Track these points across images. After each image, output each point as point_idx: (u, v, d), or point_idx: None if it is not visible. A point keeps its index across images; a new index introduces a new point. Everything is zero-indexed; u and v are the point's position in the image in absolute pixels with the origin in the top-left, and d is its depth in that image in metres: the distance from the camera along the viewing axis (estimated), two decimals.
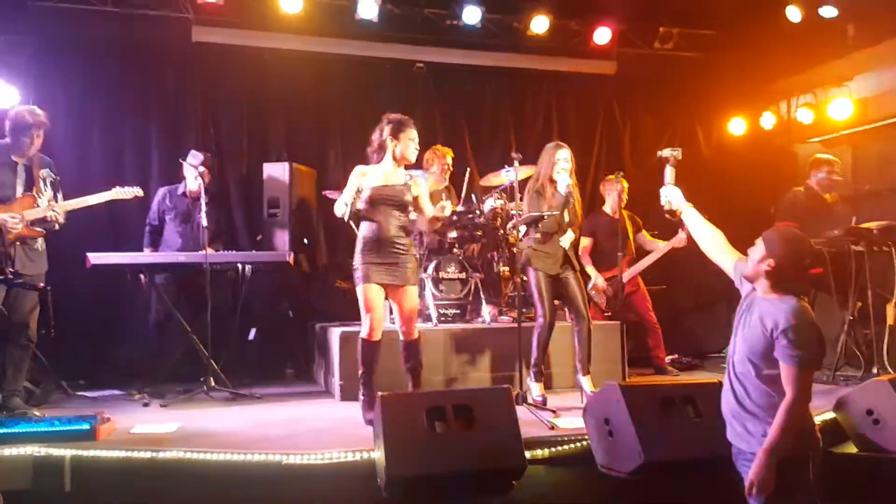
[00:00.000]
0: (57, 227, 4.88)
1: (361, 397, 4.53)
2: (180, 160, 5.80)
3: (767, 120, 7.98)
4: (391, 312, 5.14)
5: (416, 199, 4.67)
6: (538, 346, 5.08)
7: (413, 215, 4.72)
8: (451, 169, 6.48)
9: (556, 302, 5.26)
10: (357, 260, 4.56)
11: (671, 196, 3.44)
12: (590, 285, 6.37)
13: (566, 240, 5.13)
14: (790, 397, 2.70)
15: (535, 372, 5.08)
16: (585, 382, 5.05)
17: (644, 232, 6.64)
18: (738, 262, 3.07)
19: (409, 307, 4.59)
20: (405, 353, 4.65)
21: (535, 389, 5.03)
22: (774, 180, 7.48)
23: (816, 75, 7.53)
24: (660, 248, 6.44)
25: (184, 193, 5.94)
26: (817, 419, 4.07)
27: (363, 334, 4.52)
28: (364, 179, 4.53)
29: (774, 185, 6.59)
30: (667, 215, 3.65)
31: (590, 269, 6.36)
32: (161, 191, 6.01)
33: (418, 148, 4.68)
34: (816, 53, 7.23)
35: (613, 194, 6.46)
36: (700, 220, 3.32)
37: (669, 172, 4.29)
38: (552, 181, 5.12)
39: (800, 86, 7.84)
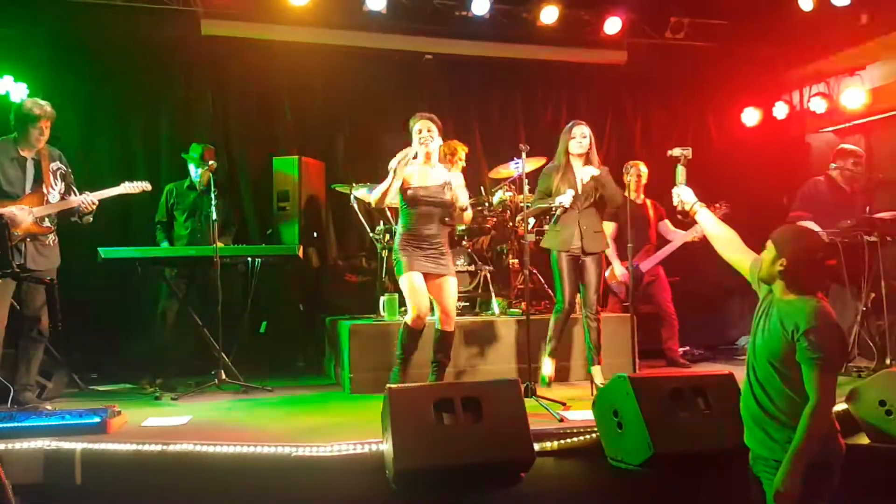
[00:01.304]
0: (91, 218, 4.91)
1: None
2: (182, 155, 5.82)
3: (780, 110, 7.91)
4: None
5: (453, 194, 4.71)
6: (554, 328, 5.09)
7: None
8: (465, 163, 6.45)
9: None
10: (398, 253, 4.65)
11: (683, 195, 3.41)
12: (607, 272, 6.33)
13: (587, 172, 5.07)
14: (814, 401, 2.63)
15: (549, 348, 5.10)
16: (596, 373, 5.04)
17: (667, 221, 6.58)
18: (755, 263, 3.02)
19: (451, 297, 4.68)
20: (438, 344, 4.70)
21: (546, 366, 5.05)
22: (787, 171, 7.43)
23: (829, 64, 7.46)
24: (676, 239, 6.38)
25: (190, 187, 5.95)
26: None
27: (408, 320, 4.60)
28: (406, 172, 4.61)
29: (787, 176, 6.54)
30: (679, 215, 3.62)
31: (610, 255, 6.30)
32: (168, 187, 6.02)
33: (427, 138, 4.66)
34: (829, 42, 7.15)
35: (632, 181, 6.41)
36: (714, 220, 3.28)
37: (680, 172, 4.26)
38: (568, 162, 5.10)
39: (813, 75, 7.76)
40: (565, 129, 5.19)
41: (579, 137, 5.07)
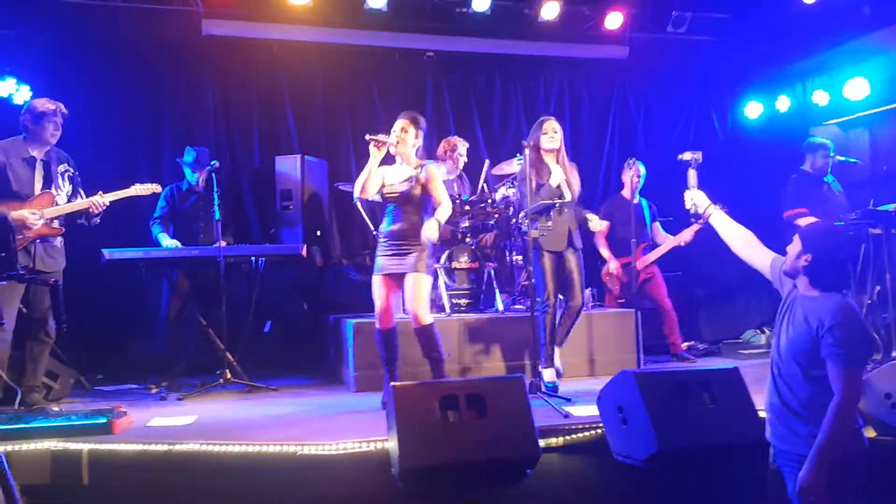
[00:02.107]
0: (98, 220, 4.93)
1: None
2: (177, 160, 5.82)
3: (783, 103, 7.88)
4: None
5: (426, 186, 4.69)
6: (544, 330, 5.02)
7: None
8: (466, 159, 6.45)
9: None
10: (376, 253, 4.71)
11: (697, 199, 3.41)
12: (603, 270, 6.35)
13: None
14: (839, 397, 2.64)
15: (545, 357, 5.02)
16: (556, 357, 5.09)
17: (658, 223, 6.60)
18: (776, 261, 3.02)
19: (410, 293, 4.63)
20: (419, 342, 4.67)
21: (546, 375, 4.99)
22: (792, 164, 7.40)
23: (833, 57, 7.43)
24: (666, 242, 6.41)
25: (189, 189, 5.97)
26: None
27: (375, 323, 4.67)
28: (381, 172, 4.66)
29: (792, 169, 6.52)
30: (692, 219, 3.61)
31: (604, 252, 6.33)
32: (166, 189, 6.01)
33: (399, 138, 4.69)
34: (832, 34, 7.13)
35: (628, 179, 6.44)
36: (729, 221, 3.28)
37: (692, 175, 4.25)
38: (540, 158, 5.09)
39: (815, 68, 7.73)
40: (535, 125, 5.16)
41: (550, 132, 5.06)
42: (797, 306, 2.83)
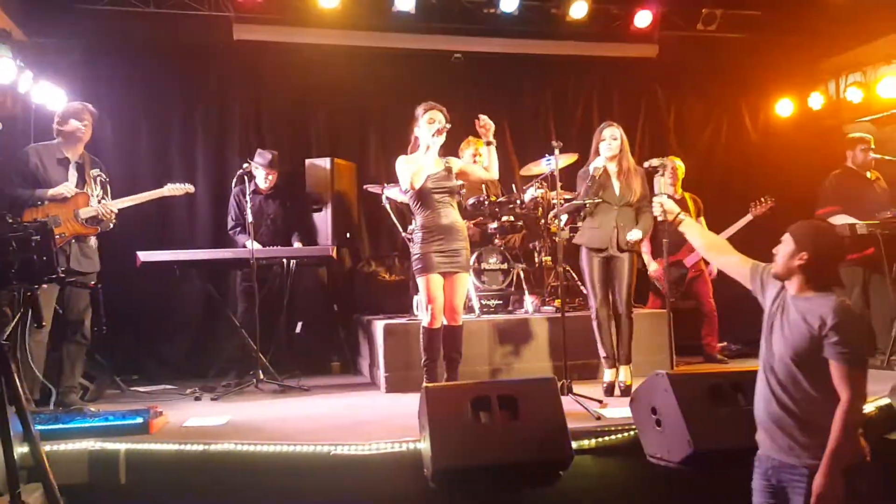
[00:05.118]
0: (112, 225, 4.99)
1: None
2: (248, 161, 5.89)
3: (816, 100, 7.77)
4: None
5: (462, 172, 4.75)
6: (597, 332, 5.05)
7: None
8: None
9: None
10: (417, 250, 4.63)
11: (666, 205, 3.35)
12: (649, 269, 6.29)
13: (634, 234, 5.00)
14: (847, 398, 2.54)
15: (603, 358, 5.06)
16: (624, 373, 5.02)
17: (702, 218, 6.51)
18: (755, 266, 2.96)
19: (460, 293, 4.67)
20: (447, 340, 4.68)
21: (606, 376, 5.04)
22: (824, 162, 7.30)
23: (865, 53, 7.31)
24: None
25: (255, 191, 6.05)
26: (872, 405, 4.01)
27: (425, 323, 4.63)
28: (413, 167, 4.60)
29: (824, 167, 6.43)
30: (660, 225, 3.57)
31: (645, 257, 6.25)
32: (232, 195, 6.11)
33: (442, 128, 4.66)
34: (864, 31, 7.01)
35: (661, 177, 6.34)
36: (700, 228, 3.27)
37: (659, 182, 4.25)
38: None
39: (848, 64, 7.62)
40: (597, 131, 5.15)
41: (609, 140, 5.02)
42: (790, 309, 2.72)
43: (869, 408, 4.02)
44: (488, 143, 4.74)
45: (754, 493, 2.81)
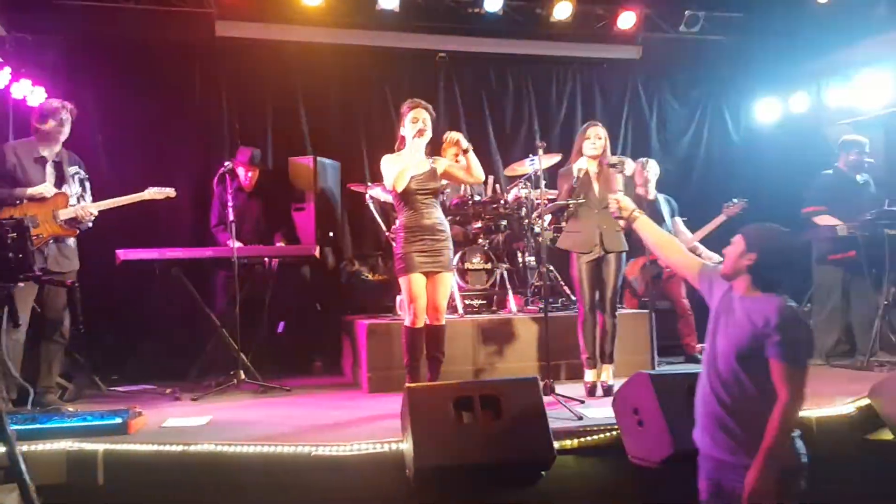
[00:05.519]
0: (90, 225, 4.94)
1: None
2: (231, 159, 5.83)
3: (798, 103, 7.83)
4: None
5: (446, 173, 4.72)
6: (581, 333, 5.04)
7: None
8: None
9: None
10: (399, 249, 4.61)
11: (623, 201, 3.37)
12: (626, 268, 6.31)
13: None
14: (785, 397, 2.57)
15: (585, 359, 5.05)
16: (607, 372, 5.02)
17: (678, 218, 6.54)
18: (704, 267, 3.00)
19: (443, 293, 4.66)
20: (430, 340, 4.66)
21: (588, 376, 5.03)
22: (806, 164, 7.36)
23: (847, 56, 7.37)
24: (687, 239, 6.35)
25: (239, 189, 6.00)
26: (853, 405, 4.04)
27: (407, 323, 4.61)
28: (397, 168, 4.57)
29: (806, 169, 6.48)
30: (618, 221, 3.57)
31: None
32: (218, 189, 6.05)
33: (422, 129, 4.62)
34: (847, 33, 7.07)
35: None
36: (653, 226, 3.27)
37: (618, 179, 4.26)
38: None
39: (830, 67, 7.68)
40: (580, 130, 5.14)
41: (594, 139, 5.02)
42: (735, 308, 2.75)
43: (849, 408, 4.05)
44: (465, 152, 4.69)
45: (700, 493, 2.84)
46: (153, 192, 5.24)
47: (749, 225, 2.82)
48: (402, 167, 4.53)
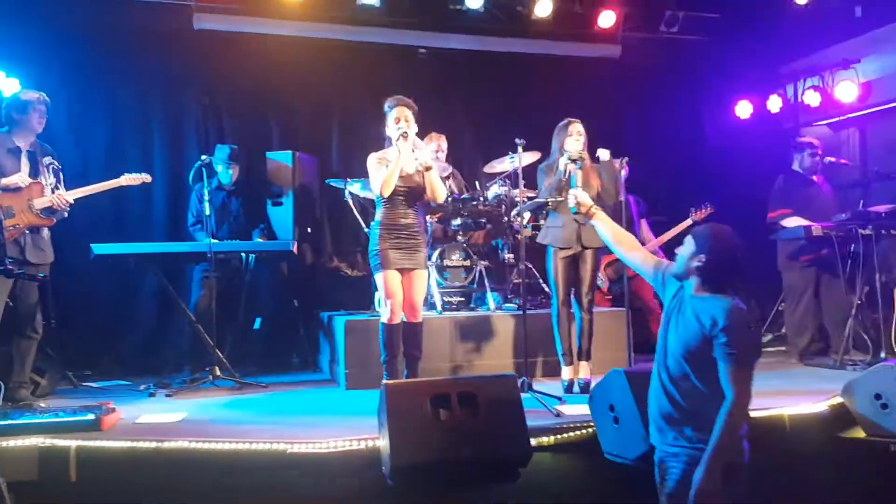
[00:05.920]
0: (66, 214, 4.88)
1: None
2: (206, 155, 5.78)
3: (774, 103, 7.89)
4: None
5: (428, 169, 4.65)
6: (556, 330, 5.02)
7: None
8: (445, 152, 6.42)
9: None
10: (375, 246, 4.59)
11: (580, 197, 3.42)
12: None
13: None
14: (732, 397, 2.64)
15: (561, 356, 5.03)
16: (584, 369, 5.03)
17: (644, 220, 6.59)
18: (659, 264, 3.05)
19: (419, 290, 4.66)
20: (407, 337, 4.67)
21: (564, 373, 5.02)
22: (782, 165, 7.44)
23: (823, 58, 7.46)
24: (651, 243, 6.41)
25: (218, 187, 5.94)
26: (826, 404, 4.09)
27: (384, 319, 4.60)
28: (384, 173, 4.54)
29: (782, 170, 6.54)
30: (577, 217, 3.58)
31: None
32: (194, 192, 6.00)
33: (407, 130, 4.59)
34: (823, 36, 7.15)
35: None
36: (611, 223, 3.32)
37: (576, 175, 4.29)
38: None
39: (807, 68, 7.76)
40: (560, 126, 5.12)
41: (576, 135, 5.01)
42: (686, 308, 2.81)
43: (822, 406, 4.09)
44: (427, 170, 4.64)
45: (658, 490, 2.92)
46: (129, 178, 5.19)
47: (699, 226, 2.87)
48: (389, 172, 4.50)
